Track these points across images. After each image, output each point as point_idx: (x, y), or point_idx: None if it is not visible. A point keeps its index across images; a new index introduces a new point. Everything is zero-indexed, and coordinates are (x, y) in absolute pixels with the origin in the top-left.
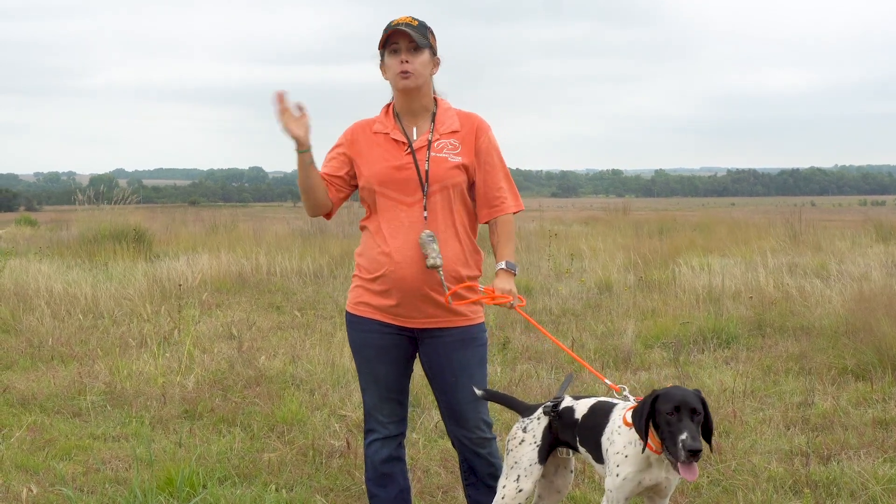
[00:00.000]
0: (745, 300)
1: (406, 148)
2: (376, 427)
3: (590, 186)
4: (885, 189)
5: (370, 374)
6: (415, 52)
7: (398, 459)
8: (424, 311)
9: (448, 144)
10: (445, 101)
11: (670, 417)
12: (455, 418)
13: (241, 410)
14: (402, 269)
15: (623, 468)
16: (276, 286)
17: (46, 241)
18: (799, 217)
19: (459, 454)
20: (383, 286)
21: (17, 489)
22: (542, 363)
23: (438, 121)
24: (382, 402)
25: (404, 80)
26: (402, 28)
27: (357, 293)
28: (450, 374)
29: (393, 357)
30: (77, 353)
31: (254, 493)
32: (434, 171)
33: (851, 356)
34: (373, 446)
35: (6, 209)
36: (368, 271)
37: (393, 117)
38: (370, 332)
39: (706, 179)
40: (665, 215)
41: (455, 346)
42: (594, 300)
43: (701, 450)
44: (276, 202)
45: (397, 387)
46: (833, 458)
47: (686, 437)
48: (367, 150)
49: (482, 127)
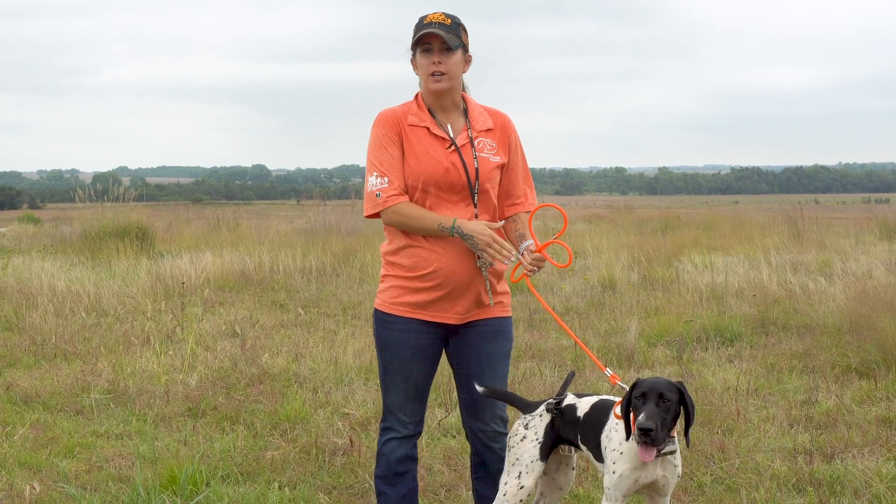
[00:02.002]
0: (748, 298)
1: (448, 145)
2: (396, 426)
3: (593, 184)
4: (889, 187)
5: (400, 374)
6: (447, 53)
7: (412, 459)
8: (467, 307)
9: (487, 144)
10: (470, 96)
11: (637, 402)
12: (473, 409)
13: (244, 408)
14: (452, 265)
15: (619, 465)
16: (279, 284)
17: (49, 238)
18: (802, 215)
19: (472, 447)
20: (430, 282)
21: (21, 487)
22: (545, 361)
23: (471, 117)
24: (408, 401)
25: (436, 82)
26: (434, 31)
27: (394, 293)
28: (475, 365)
29: (427, 356)
30: (80, 351)
31: (257, 491)
32: (482, 171)
33: (855, 354)
34: (389, 444)
35: (9, 207)
36: (410, 269)
37: (427, 110)
38: (408, 331)
39: (710, 177)
40: (668, 213)
41: (486, 338)
42: (598, 298)
43: (651, 429)
44: (280, 200)
45: (424, 386)
46: (837, 456)
47: (642, 417)
48: (414, 142)
49: (511, 125)
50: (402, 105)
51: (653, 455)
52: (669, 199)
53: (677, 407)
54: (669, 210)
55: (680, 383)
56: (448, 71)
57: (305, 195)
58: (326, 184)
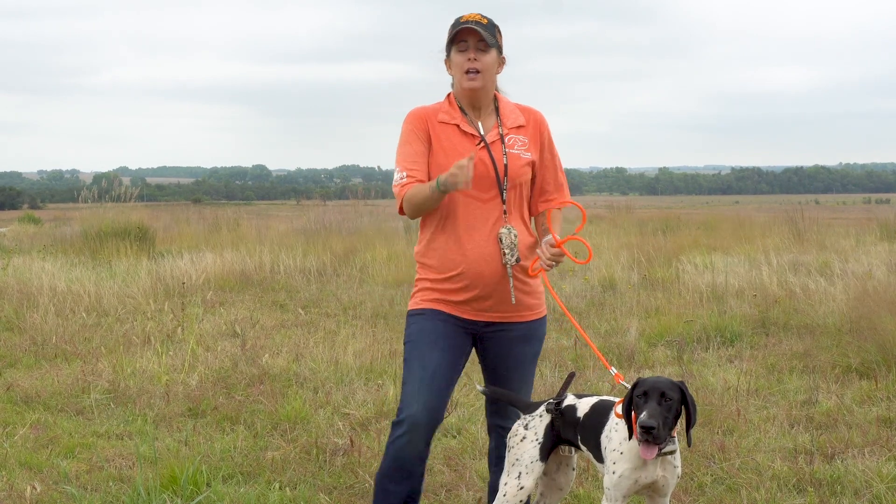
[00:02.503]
0: (748, 298)
1: (478, 141)
2: (408, 418)
3: (594, 184)
4: (889, 187)
5: (419, 360)
6: (483, 51)
7: (421, 459)
8: (497, 307)
9: (518, 140)
10: (503, 96)
11: (639, 400)
12: (498, 408)
13: (244, 408)
14: (478, 266)
15: (619, 465)
16: (279, 284)
17: (50, 238)
18: (803, 215)
19: (493, 442)
20: (459, 283)
21: (21, 487)
22: (546, 362)
23: (503, 114)
24: (423, 389)
25: (471, 80)
26: (471, 26)
27: (427, 294)
28: (503, 368)
29: (449, 345)
30: (81, 351)
31: (257, 491)
32: (511, 168)
33: (855, 354)
34: (399, 441)
35: (10, 207)
36: (439, 271)
37: (458, 109)
38: (434, 320)
39: (710, 177)
40: (669, 213)
41: (517, 342)
42: (598, 298)
43: (653, 427)
44: (280, 200)
45: (443, 375)
46: (837, 456)
47: (644, 415)
48: (443, 139)
49: (544, 122)
50: (433, 104)
51: (654, 453)
52: (670, 200)
53: (679, 406)
54: (670, 210)
55: (682, 383)
56: (483, 69)
57: (305, 195)
58: (327, 184)
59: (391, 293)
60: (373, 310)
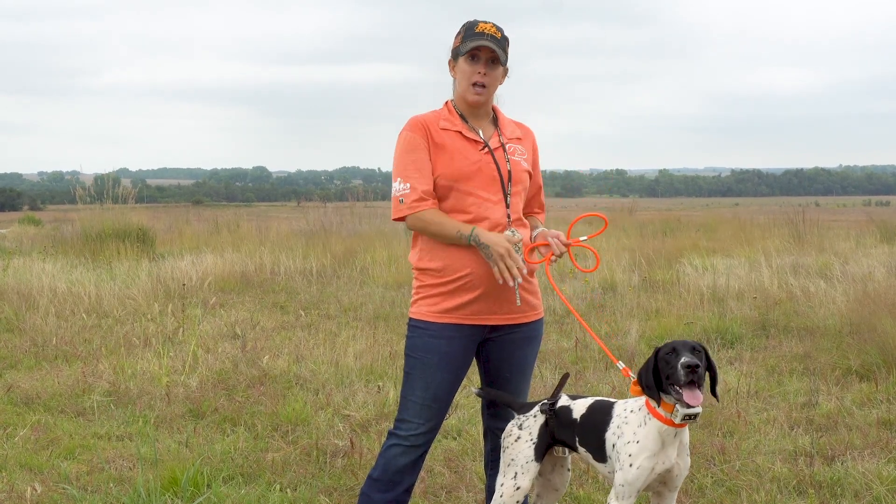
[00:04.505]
0: (748, 300)
1: (481, 147)
2: (405, 433)
3: (594, 186)
4: (889, 189)
5: (422, 380)
6: (492, 66)
7: (412, 472)
8: (502, 309)
9: (518, 150)
10: (499, 108)
11: (669, 356)
12: (496, 411)
13: (245, 410)
14: (486, 267)
15: (637, 457)
16: (279, 286)
17: (50, 240)
18: (803, 217)
19: (489, 445)
20: (466, 285)
21: (22, 488)
22: (544, 363)
23: (501, 125)
24: (424, 408)
25: (477, 95)
26: (488, 44)
27: (431, 301)
28: (506, 370)
29: (454, 365)
30: (81, 353)
31: (258, 492)
32: (514, 173)
33: (855, 356)
34: (393, 450)
35: (10, 208)
36: (441, 274)
37: (458, 116)
38: (440, 338)
39: (710, 179)
40: (669, 215)
41: (521, 344)
42: (598, 300)
43: (698, 364)
44: (280, 202)
45: (444, 396)
46: (837, 458)
47: (685, 358)
48: (447, 143)
49: (535, 138)
50: (430, 112)
51: (700, 398)
52: (670, 202)
53: (705, 363)
54: (670, 212)
55: (702, 344)
56: (489, 84)
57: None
58: (327, 185)
59: (391, 295)
60: (373, 311)
